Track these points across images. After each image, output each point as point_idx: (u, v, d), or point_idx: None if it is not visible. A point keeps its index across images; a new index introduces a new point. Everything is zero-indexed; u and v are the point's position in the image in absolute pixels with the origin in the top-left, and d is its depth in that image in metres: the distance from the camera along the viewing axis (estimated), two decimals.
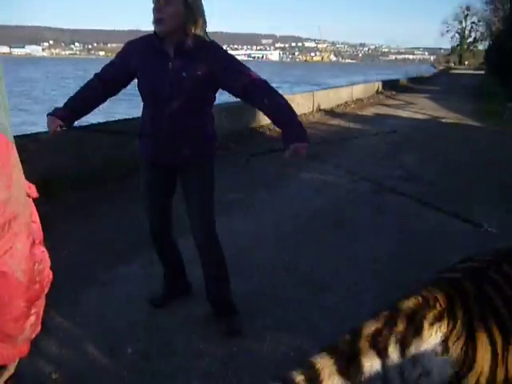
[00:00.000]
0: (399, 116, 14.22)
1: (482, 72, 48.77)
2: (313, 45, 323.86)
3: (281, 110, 2.60)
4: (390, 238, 4.53)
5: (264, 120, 10.26)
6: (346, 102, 15.90)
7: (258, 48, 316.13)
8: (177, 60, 2.58)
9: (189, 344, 2.78)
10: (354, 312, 3.15)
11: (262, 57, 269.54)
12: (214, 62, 2.59)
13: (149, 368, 2.57)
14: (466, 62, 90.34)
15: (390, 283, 3.61)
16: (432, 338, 1.39)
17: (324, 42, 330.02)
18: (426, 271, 3.68)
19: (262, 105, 2.63)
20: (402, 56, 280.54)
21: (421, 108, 16.55)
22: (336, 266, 3.88)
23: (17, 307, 1.04)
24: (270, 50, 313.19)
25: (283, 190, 6.03)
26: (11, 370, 1.21)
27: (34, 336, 1.20)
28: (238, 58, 2.88)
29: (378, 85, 21.48)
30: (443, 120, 13.58)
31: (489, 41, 29.95)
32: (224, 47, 2.82)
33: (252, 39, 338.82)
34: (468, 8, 71.92)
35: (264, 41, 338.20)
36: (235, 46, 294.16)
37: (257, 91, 2.60)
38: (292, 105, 2.72)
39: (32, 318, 1.12)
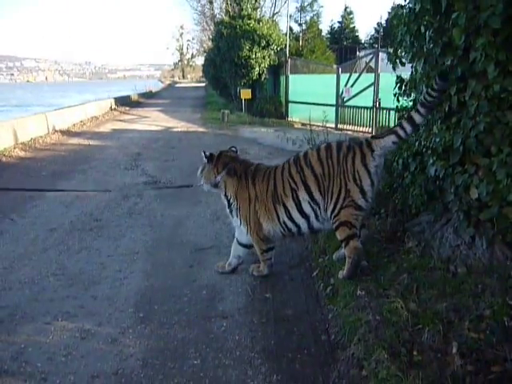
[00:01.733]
0: (136, 129, 15.11)
1: (203, 84, 54.10)
2: (33, 64, 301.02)
3: None
4: (143, 232, 5.24)
5: None
6: (81, 121, 15.98)
7: None
8: None
9: None
10: (127, 294, 3.77)
11: None
12: None
13: None
14: (189, 76, 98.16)
15: (148, 263, 4.36)
16: None
17: (46, 60, 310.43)
18: (177, 251, 4.58)
19: None
20: (130, 73, 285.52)
21: (154, 120, 17.85)
22: (101, 261, 4.40)
23: None
24: None
25: (33, 210, 6.09)
26: None
27: None
28: None
29: (111, 101, 22.04)
30: (175, 129, 15.06)
31: (204, 56, 33.58)
32: None
33: None
34: (182, 27, 78.06)
35: None
36: None
37: None
38: (24, 128, 3.06)
39: None
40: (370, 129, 13.16)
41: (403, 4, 3.93)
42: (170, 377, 2.73)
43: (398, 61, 4.04)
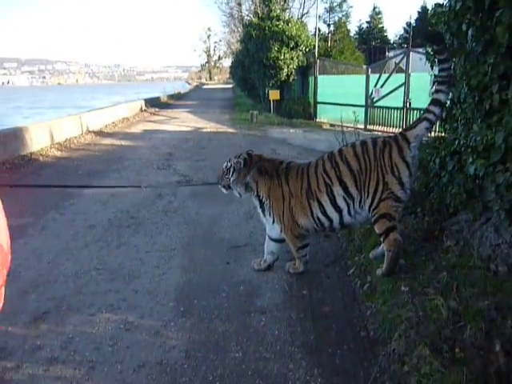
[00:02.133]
0: (166, 130, 15.34)
1: (231, 86, 54.42)
2: (64, 67, 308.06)
3: None
4: (179, 230, 5.35)
5: (33, 146, 10.06)
6: (113, 122, 16.32)
7: (2, 73, 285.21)
8: None
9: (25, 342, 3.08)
10: (167, 289, 3.87)
11: (8, 82, 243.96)
12: None
13: None
14: (216, 78, 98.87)
15: (185, 259, 4.46)
16: None
17: (76, 63, 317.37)
18: (213, 248, 4.66)
19: None
20: (158, 75, 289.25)
21: (183, 121, 18.08)
22: (139, 257, 4.52)
23: (3, 275, 1.17)
24: (15, 74, 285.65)
25: (71, 208, 6.28)
26: None
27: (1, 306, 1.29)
28: None
29: (141, 103, 22.41)
30: (204, 130, 15.22)
31: (231, 58, 33.84)
32: None
33: None
34: (209, 29, 78.77)
35: (7, 64, 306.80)
36: None
37: None
38: (60, 129, 3.12)
39: (2, 289, 1.29)
40: (400, 129, 13.03)
41: (441, 2, 3.92)
42: (213, 368, 2.80)
43: (436, 60, 4.01)
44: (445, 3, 3.71)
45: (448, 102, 4.31)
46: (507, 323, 2.64)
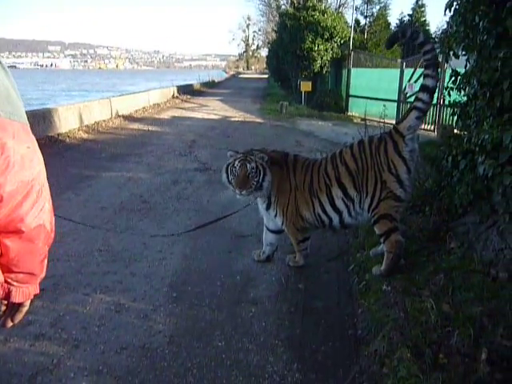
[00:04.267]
0: (194, 117, 15.42)
1: (266, 76, 54.21)
2: (105, 52, 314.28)
3: None
4: (188, 217, 5.37)
5: (62, 128, 10.27)
6: (143, 107, 16.51)
7: (46, 56, 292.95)
8: None
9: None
10: (164, 274, 3.89)
11: (52, 65, 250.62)
12: None
13: None
14: (253, 67, 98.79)
15: (188, 246, 4.46)
16: None
17: (117, 49, 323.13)
18: (218, 236, 4.64)
19: None
20: (196, 62, 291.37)
21: (213, 109, 18.12)
22: (143, 241, 4.55)
23: (44, 251, 1.36)
24: (59, 57, 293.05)
25: (87, 189, 6.39)
26: (27, 305, 1.47)
27: (42, 277, 1.53)
28: (23, 66, 3.26)
29: (174, 90, 22.58)
30: (232, 119, 15.22)
31: (268, 48, 33.65)
32: (5, 55, 3.14)
33: (38, 46, 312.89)
34: (249, 18, 78.50)
35: (51, 48, 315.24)
36: (19, 54, 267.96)
37: None
38: (89, 112, 3.22)
39: (45, 261, 1.49)
40: (433, 126, 12.67)
41: None
42: (193, 355, 2.79)
43: (451, 53, 3.86)
44: None
45: (464, 98, 4.15)
46: (498, 331, 2.52)
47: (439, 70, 3.26)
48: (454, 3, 3.56)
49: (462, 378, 2.28)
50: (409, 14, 43.48)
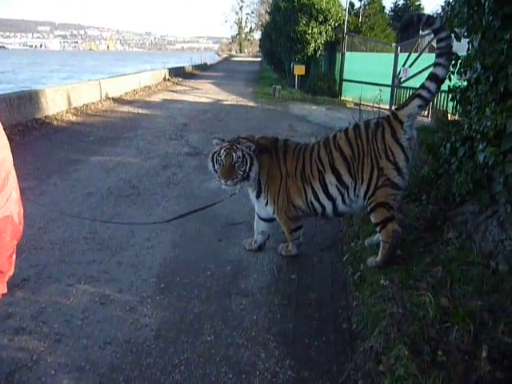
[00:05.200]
0: (186, 100, 15.13)
1: (259, 59, 53.62)
2: (96, 33, 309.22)
3: None
4: (177, 203, 5.22)
5: (49, 110, 10.01)
6: (134, 90, 16.18)
7: (35, 36, 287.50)
8: None
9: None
10: (152, 263, 3.75)
11: (41, 45, 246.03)
12: None
13: None
14: (246, 50, 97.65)
15: (178, 234, 4.32)
16: None
17: (108, 30, 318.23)
18: (208, 224, 4.50)
19: None
20: (189, 45, 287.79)
21: (205, 92, 17.82)
22: (131, 229, 4.40)
23: (12, 245, 1.22)
24: (48, 38, 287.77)
25: (74, 174, 6.20)
26: None
27: (11, 275, 1.36)
28: (13, 46, 3.09)
29: (165, 72, 22.18)
30: (225, 102, 14.97)
31: (261, 30, 33.15)
32: None
33: (27, 26, 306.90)
34: (242, 0, 77.23)
35: (41, 28, 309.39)
36: (7, 34, 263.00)
37: None
38: (78, 94, 3.04)
39: (14, 257, 1.34)
40: (427, 112, 12.53)
41: None
42: (180, 351, 2.67)
43: (452, 35, 3.69)
44: None
45: (465, 83, 4.00)
46: (498, 327, 2.41)
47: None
48: None
49: (461, 376, 2.18)
50: None
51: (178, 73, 24.46)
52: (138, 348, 2.69)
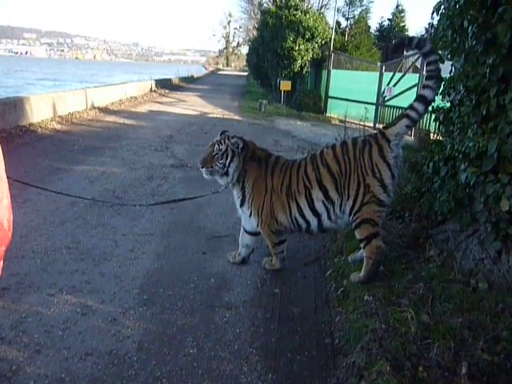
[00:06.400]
0: (172, 112, 15.15)
1: (246, 74, 54.00)
2: (83, 42, 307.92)
3: None
4: (161, 215, 5.20)
5: (34, 117, 9.92)
6: (120, 100, 16.14)
7: (21, 43, 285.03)
8: None
9: None
10: (135, 274, 3.72)
11: (26, 53, 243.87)
12: None
13: None
14: (233, 64, 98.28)
15: (162, 245, 4.31)
16: None
17: (95, 39, 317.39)
18: (192, 236, 4.49)
19: None
20: (176, 57, 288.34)
21: (191, 105, 17.87)
22: (115, 239, 4.37)
23: (0, 252, 1.20)
24: (34, 45, 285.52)
25: (58, 183, 6.13)
26: None
27: None
28: None
29: (152, 83, 22.20)
30: (211, 115, 15.02)
31: (248, 45, 33.48)
32: None
33: (12, 33, 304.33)
34: (230, 14, 77.95)
35: (27, 35, 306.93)
36: None
37: None
38: (63, 102, 3.06)
39: (1, 263, 1.31)
40: (410, 131, 12.74)
41: None
42: (162, 363, 2.65)
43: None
44: None
45: (448, 104, 4.10)
46: (478, 344, 2.46)
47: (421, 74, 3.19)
48: (442, 6, 3.50)
49: None
50: (389, 19, 43.96)
51: (164, 84, 24.50)
52: (120, 360, 2.66)
